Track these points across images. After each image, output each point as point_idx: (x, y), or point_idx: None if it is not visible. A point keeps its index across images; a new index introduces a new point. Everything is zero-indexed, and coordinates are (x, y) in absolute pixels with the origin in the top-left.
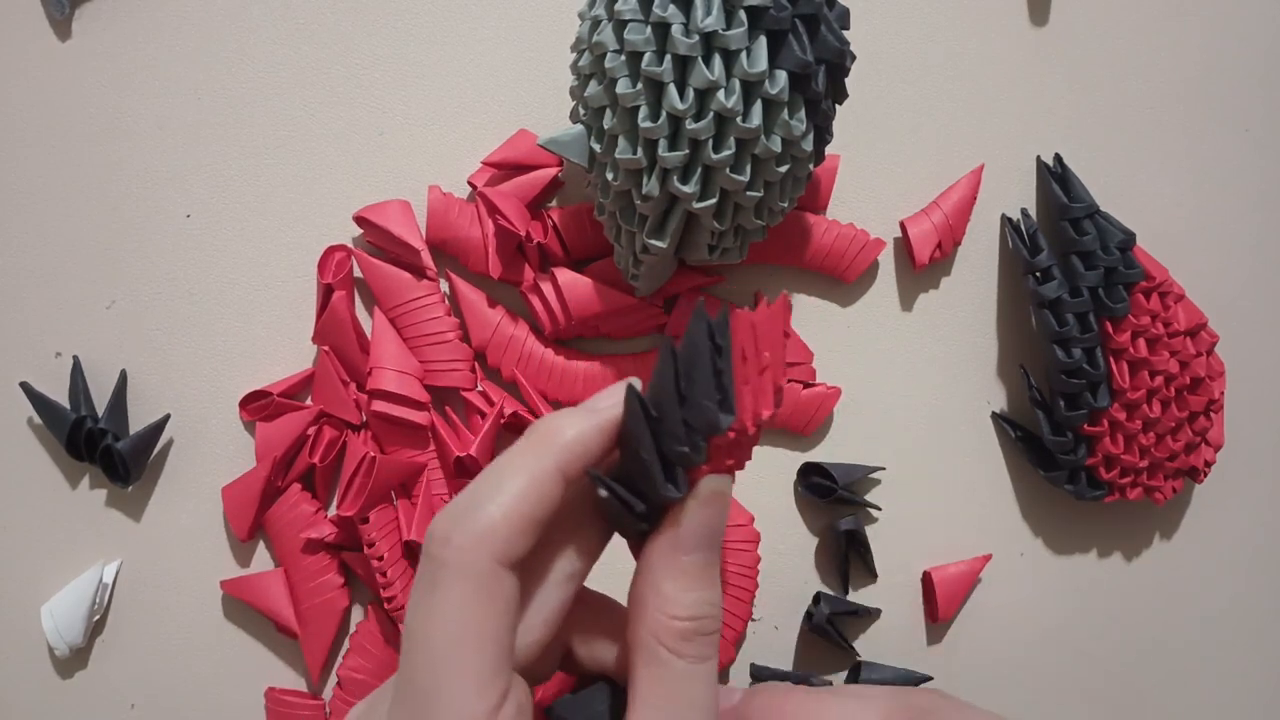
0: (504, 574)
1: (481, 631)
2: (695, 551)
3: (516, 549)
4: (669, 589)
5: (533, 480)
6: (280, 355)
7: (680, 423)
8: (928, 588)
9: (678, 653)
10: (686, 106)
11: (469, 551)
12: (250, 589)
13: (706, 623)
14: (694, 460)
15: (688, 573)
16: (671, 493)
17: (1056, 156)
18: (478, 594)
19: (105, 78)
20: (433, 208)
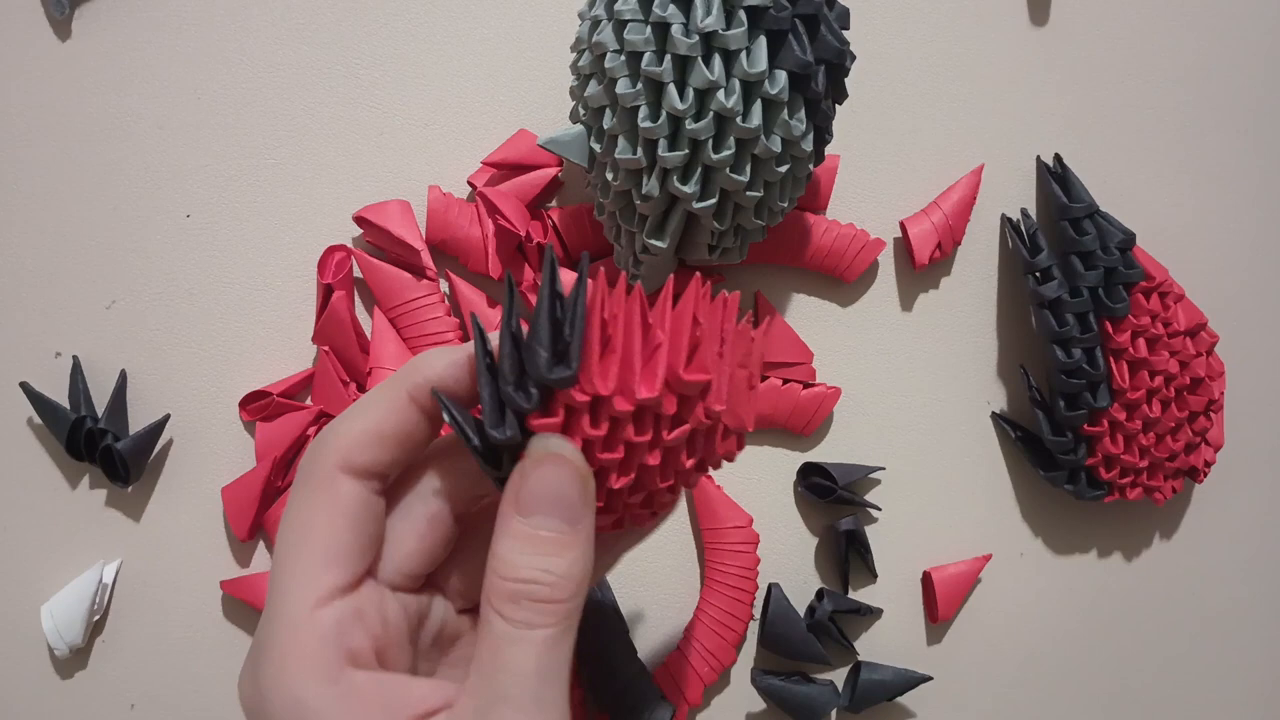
0: (342, 478)
1: (314, 526)
2: (534, 515)
3: (358, 458)
4: (500, 548)
5: (381, 402)
6: (280, 355)
7: (511, 360)
8: (928, 588)
9: (500, 613)
10: (686, 106)
11: (312, 459)
12: (250, 589)
13: (539, 589)
14: (522, 406)
15: (522, 535)
16: (498, 434)
17: (1056, 156)
18: (312, 494)
19: (105, 78)
20: (433, 208)
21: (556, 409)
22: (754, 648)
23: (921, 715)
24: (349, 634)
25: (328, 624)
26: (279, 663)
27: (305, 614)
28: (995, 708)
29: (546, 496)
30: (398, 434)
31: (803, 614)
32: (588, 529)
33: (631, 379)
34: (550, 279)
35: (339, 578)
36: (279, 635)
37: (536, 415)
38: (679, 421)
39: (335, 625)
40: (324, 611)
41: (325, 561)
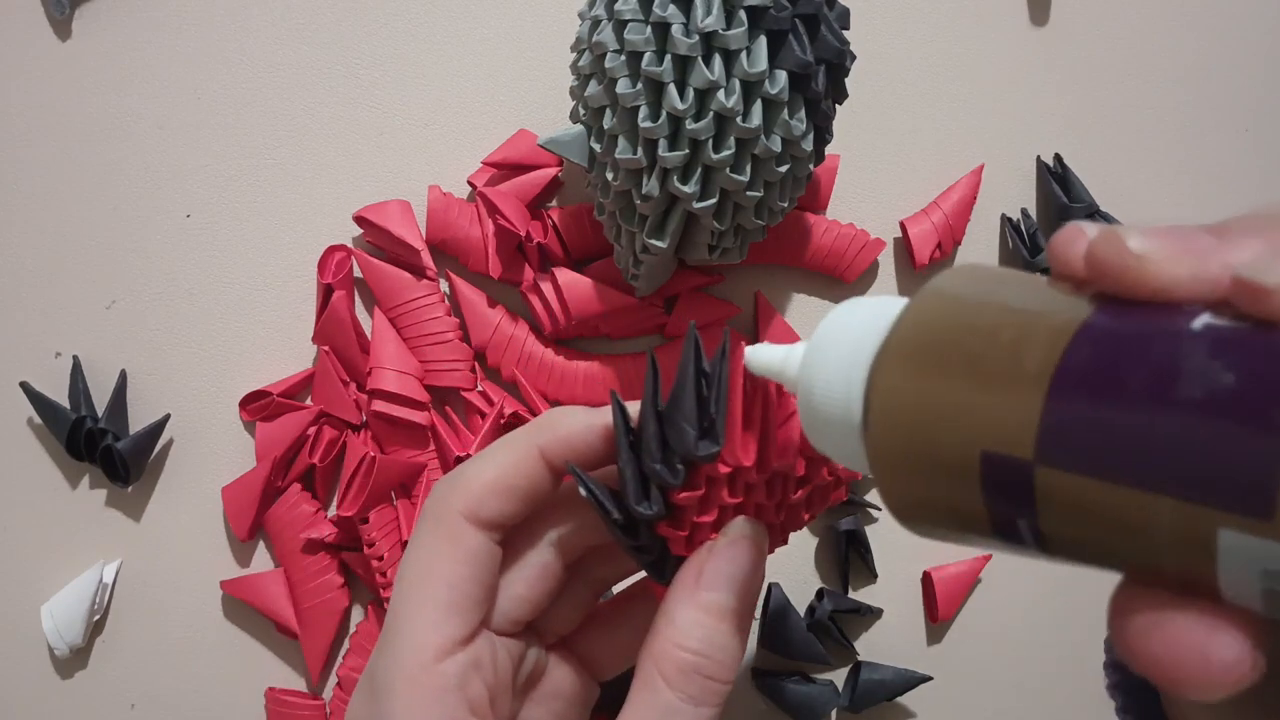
0: (468, 528)
1: (439, 575)
2: (715, 590)
3: (485, 509)
4: (681, 617)
5: (511, 455)
6: (280, 355)
7: (656, 439)
8: (927, 588)
9: (671, 683)
10: (686, 106)
11: (439, 504)
12: (250, 589)
13: (711, 665)
14: (668, 481)
15: (704, 607)
16: (644, 509)
17: (1056, 156)
18: (440, 542)
19: (105, 78)
20: (433, 208)
21: (699, 482)
22: (754, 648)
23: (921, 715)
24: (470, 685)
25: (451, 676)
26: (404, 712)
27: (430, 664)
28: (995, 708)
29: (733, 576)
30: (525, 488)
31: (803, 614)
32: (753, 613)
33: (769, 448)
34: (695, 357)
35: (461, 629)
36: (403, 682)
37: (680, 490)
38: (804, 482)
39: (458, 677)
40: (447, 663)
41: (448, 612)
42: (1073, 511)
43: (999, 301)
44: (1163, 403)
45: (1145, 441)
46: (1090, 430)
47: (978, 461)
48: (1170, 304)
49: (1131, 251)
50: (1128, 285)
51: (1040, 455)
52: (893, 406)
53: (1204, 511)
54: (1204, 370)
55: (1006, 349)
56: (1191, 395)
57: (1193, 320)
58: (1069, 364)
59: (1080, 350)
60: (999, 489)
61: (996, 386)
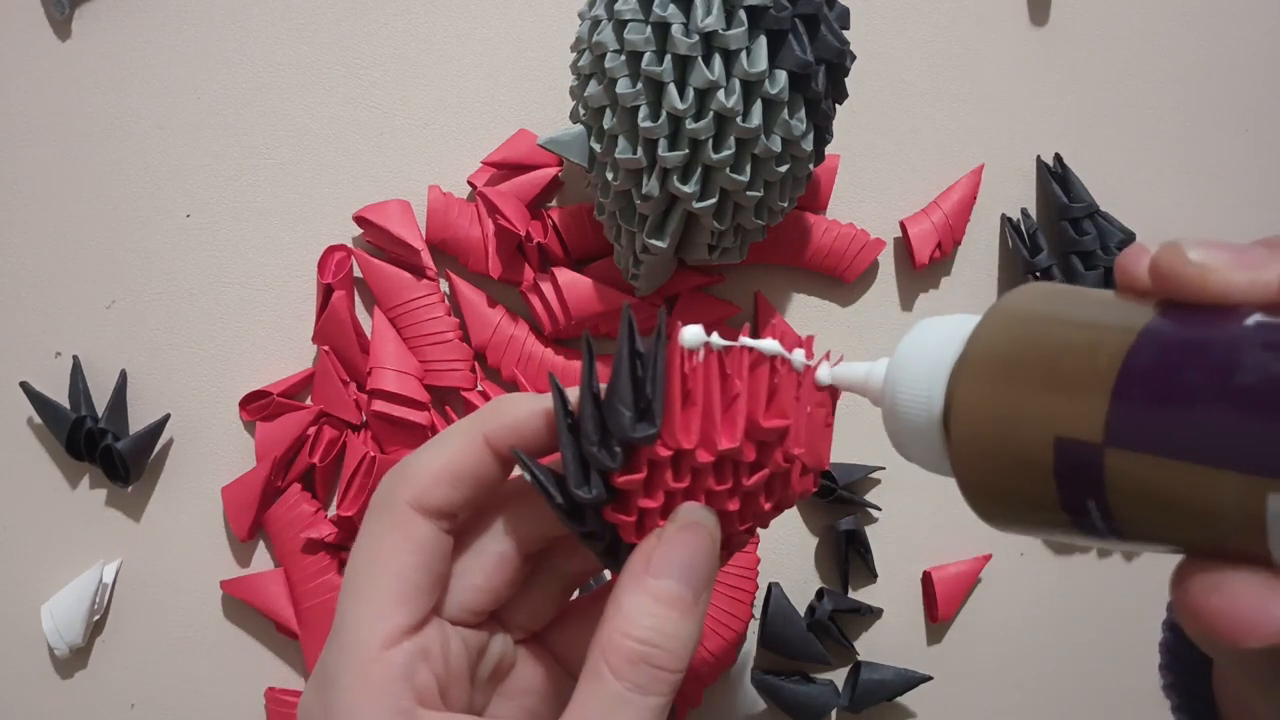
0: (414, 516)
1: (385, 564)
2: (665, 578)
3: (430, 497)
4: (627, 605)
5: (457, 442)
6: (280, 355)
7: (594, 421)
8: (927, 588)
9: (617, 673)
10: (686, 106)
11: (386, 493)
12: (250, 589)
13: (659, 654)
14: (606, 464)
15: (652, 594)
16: (584, 493)
17: (1056, 156)
18: (387, 531)
19: (105, 78)
20: (433, 207)
21: (640, 465)
22: (754, 648)
23: (921, 715)
24: (417, 674)
25: (398, 664)
26: (351, 702)
27: (376, 652)
28: (995, 708)
29: (681, 563)
30: (472, 475)
31: (803, 614)
32: (706, 603)
33: (713, 430)
34: (629, 338)
35: (408, 616)
36: (350, 673)
37: (620, 473)
38: (758, 467)
39: (404, 665)
40: (393, 651)
41: (395, 600)
42: (1138, 488)
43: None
44: (1221, 387)
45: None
46: (1154, 412)
47: (1051, 449)
48: (1226, 308)
49: (1191, 261)
50: (1188, 291)
51: (1109, 437)
52: (973, 409)
53: (1257, 481)
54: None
55: (1079, 349)
56: (1247, 381)
57: (1246, 319)
58: (1135, 355)
59: (1146, 344)
60: (1071, 472)
61: (1069, 382)
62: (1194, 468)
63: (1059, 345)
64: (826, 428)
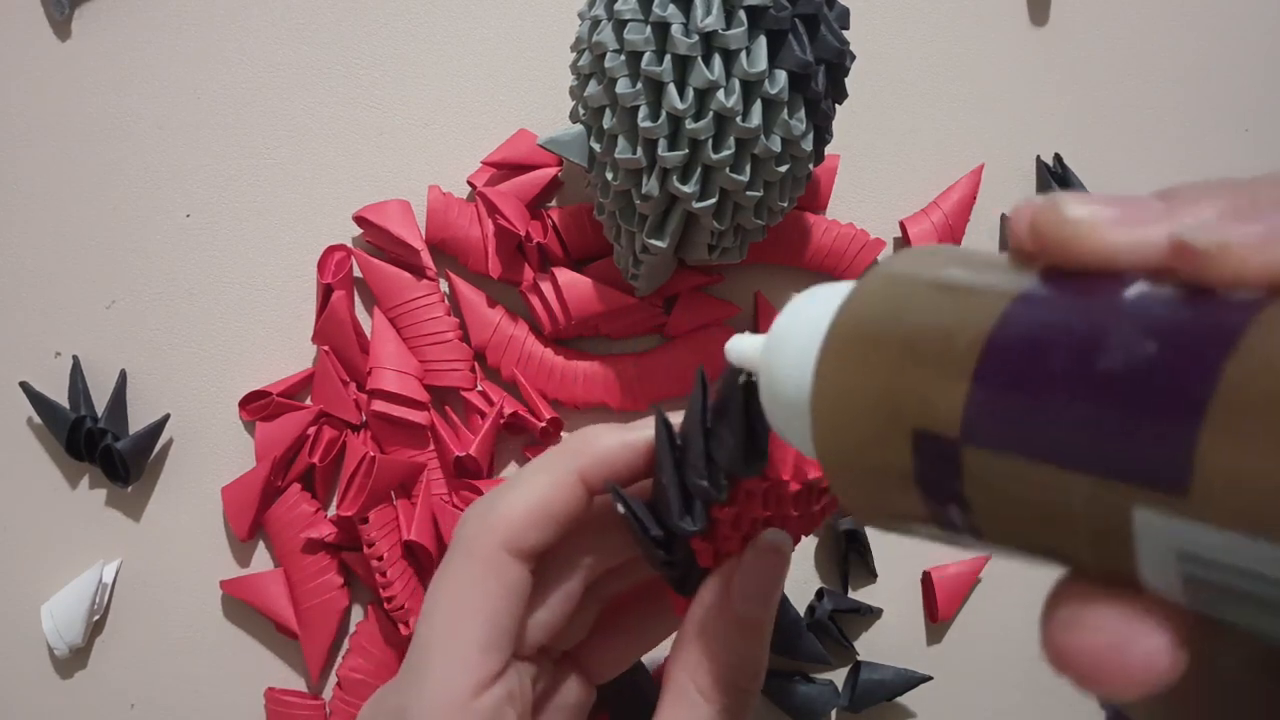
0: (509, 561)
1: (478, 610)
2: (746, 602)
3: (525, 540)
4: (713, 630)
5: (550, 480)
6: (280, 355)
7: (702, 455)
8: (927, 588)
9: (707, 696)
10: (686, 106)
11: (478, 536)
12: (250, 589)
13: (745, 677)
14: (713, 496)
15: (738, 624)
16: (687, 525)
17: (1056, 156)
18: (479, 575)
19: (105, 78)
20: (432, 207)
21: (738, 495)
22: None
23: (921, 715)
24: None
25: (487, 711)
26: None
27: (467, 702)
28: (995, 708)
29: (762, 587)
30: (565, 514)
31: (802, 614)
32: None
33: (804, 461)
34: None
35: (497, 664)
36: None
37: (723, 506)
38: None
39: (493, 711)
40: (483, 698)
41: (486, 646)
42: (994, 492)
43: (944, 279)
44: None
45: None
46: (1011, 404)
47: (909, 443)
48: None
49: (1069, 218)
50: (1068, 254)
51: (965, 433)
52: (830, 392)
53: (1119, 488)
54: (1126, 339)
55: (943, 325)
56: (1110, 365)
57: (1127, 289)
58: (998, 336)
59: (1011, 322)
60: (930, 471)
61: (930, 364)
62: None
63: (923, 319)
64: None
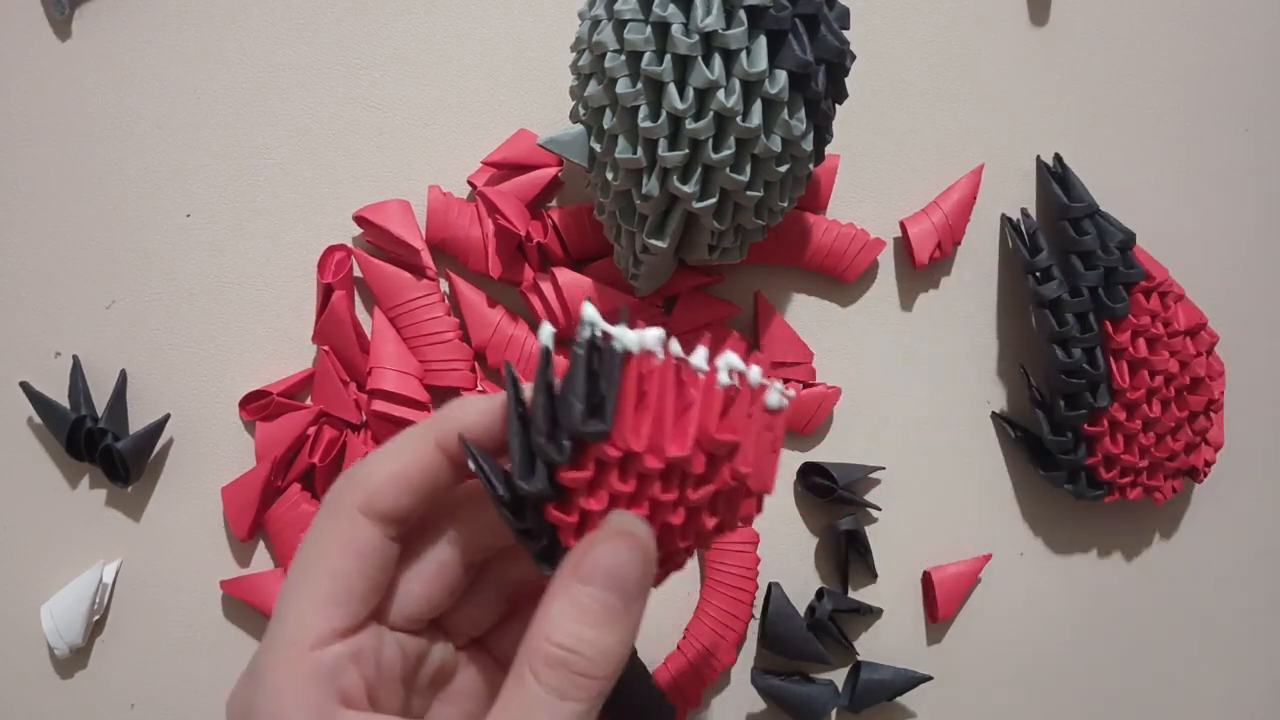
0: (363, 522)
1: (325, 565)
2: (593, 585)
3: (381, 503)
4: (554, 610)
5: (411, 447)
6: (280, 355)
7: (544, 411)
8: (928, 588)
9: (538, 676)
10: (686, 106)
11: (339, 497)
12: (250, 589)
13: (581, 661)
14: (554, 457)
15: (578, 603)
16: (529, 484)
17: (1056, 156)
18: (332, 533)
19: (105, 78)
20: (433, 207)
21: (587, 463)
22: (754, 648)
23: (921, 715)
24: (344, 675)
25: (324, 664)
26: (273, 697)
27: (304, 652)
28: (995, 708)
29: (611, 570)
30: (423, 481)
31: (802, 614)
32: (639, 612)
33: (663, 436)
34: (593, 332)
35: (342, 620)
36: (275, 669)
37: (567, 468)
38: (705, 481)
39: (331, 667)
40: (322, 652)
41: (331, 602)
42: None
43: None
44: None
45: None
46: None
47: None
48: None
49: None
50: None
51: None
52: None
53: None
54: None
55: None
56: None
57: None
58: None
59: None
60: None
61: None
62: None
63: None
64: (774, 452)
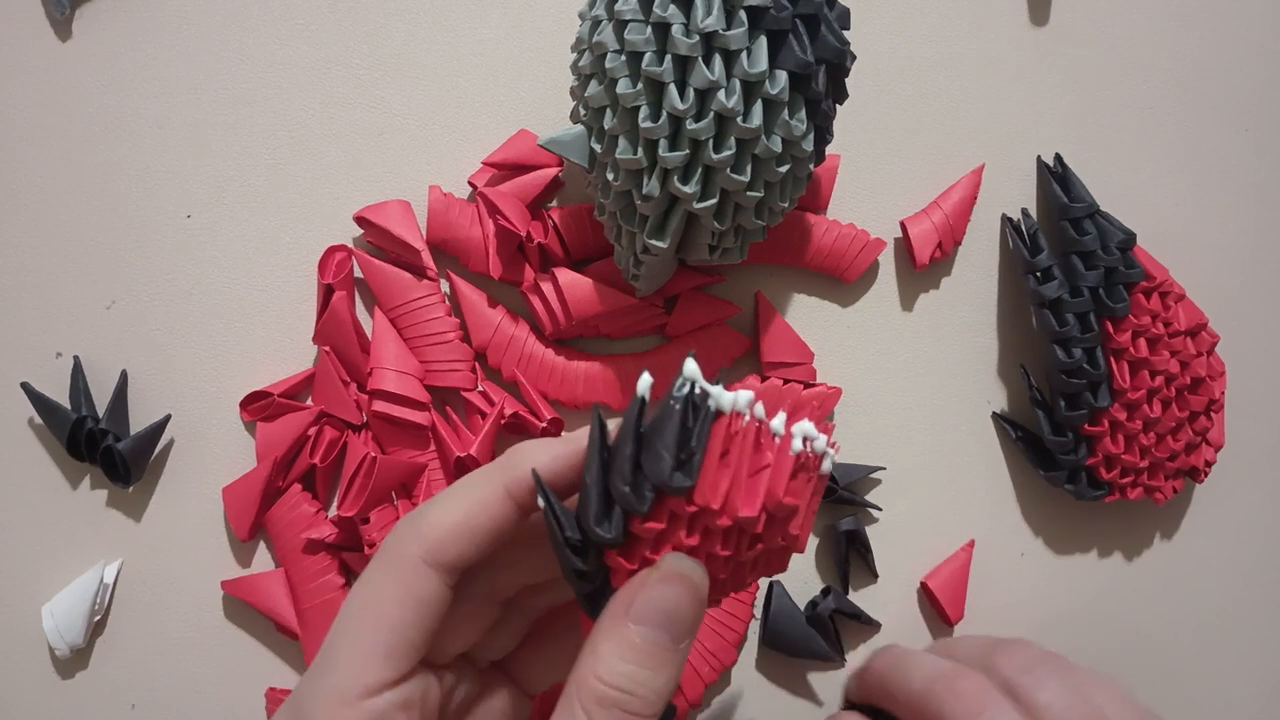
0: (427, 573)
1: (385, 618)
2: (644, 625)
3: (446, 553)
4: (604, 649)
5: (478, 496)
6: (280, 355)
7: (630, 460)
8: (930, 597)
9: (589, 714)
10: (687, 106)
11: (402, 545)
12: (250, 589)
13: (632, 701)
14: (635, 507)
15: (629, 642)
16: (604, 531)
17: (1057, 156)
18: (395, 584)
19: (105, 78)
20: (433, 208)
21: (663, 515)
22: (754, 647)
23: None
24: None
25: (374, 714)
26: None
27: (353, 701)
28: None
29: (663, 611)
30: (491, 529)
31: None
32: (686, 652)
33: (737, 496)
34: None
35: (395, 671)
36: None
37: (643, 519)
38: (759, 540)
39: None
40: (373, 701)
41: (388, 653)
42: None
43: None
44: None
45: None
46: None
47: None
48: None
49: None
50: None
51: None
52: None
53: None
54: None
55: None
56: None
57: None
58: None
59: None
60: None
61: None
62: None
63: None
64: (813, 514)
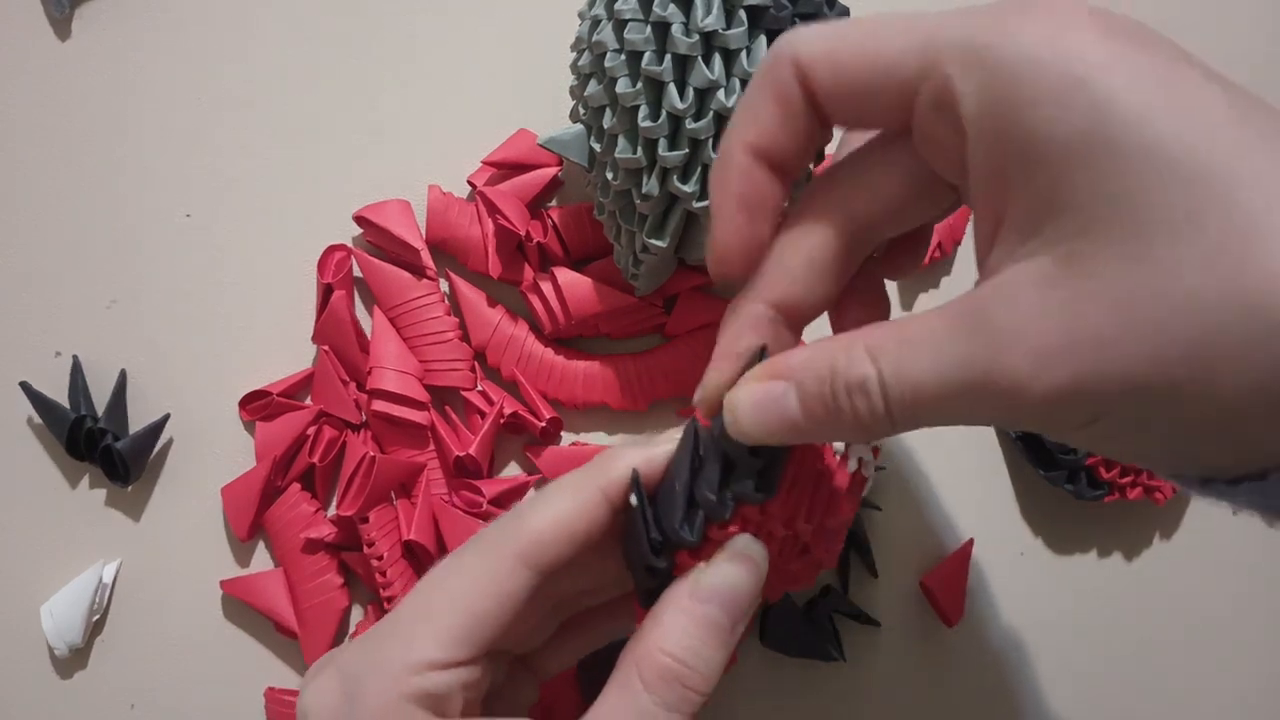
0: (521, 570)
1: (471, 604)
2: (710, 604)
3: (545, 555)
4: (669, 621)
5: (578, 499)
6: (280, 355)
7: (719, 469)
8: (930, 596)
9: (648, 685)
10: (686, 106)
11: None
12: (250, 589)
13: (691, 675)
14: (718, 513)
15: (694, 618)
16: (685, 534)
17: None
18: (485, 574)
19: (105, 78)
20: (432, 207)
21: (736, 521)
22: (754, 647)
23: (922, 715)
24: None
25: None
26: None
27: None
28: (995, 707)
29: (727, 591)
30: (587, 532)
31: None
32: (736, 640)
33: (800, 509)
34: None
35: (464, 654)
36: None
37: (721, 525)
38: (806, 551)
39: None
40: (441, 674)
41: (465, 636)
42: None
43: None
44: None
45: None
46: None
47: None
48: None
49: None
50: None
51: None
52: None
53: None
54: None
55: None
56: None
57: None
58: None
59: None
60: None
61: None
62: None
63: None
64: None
